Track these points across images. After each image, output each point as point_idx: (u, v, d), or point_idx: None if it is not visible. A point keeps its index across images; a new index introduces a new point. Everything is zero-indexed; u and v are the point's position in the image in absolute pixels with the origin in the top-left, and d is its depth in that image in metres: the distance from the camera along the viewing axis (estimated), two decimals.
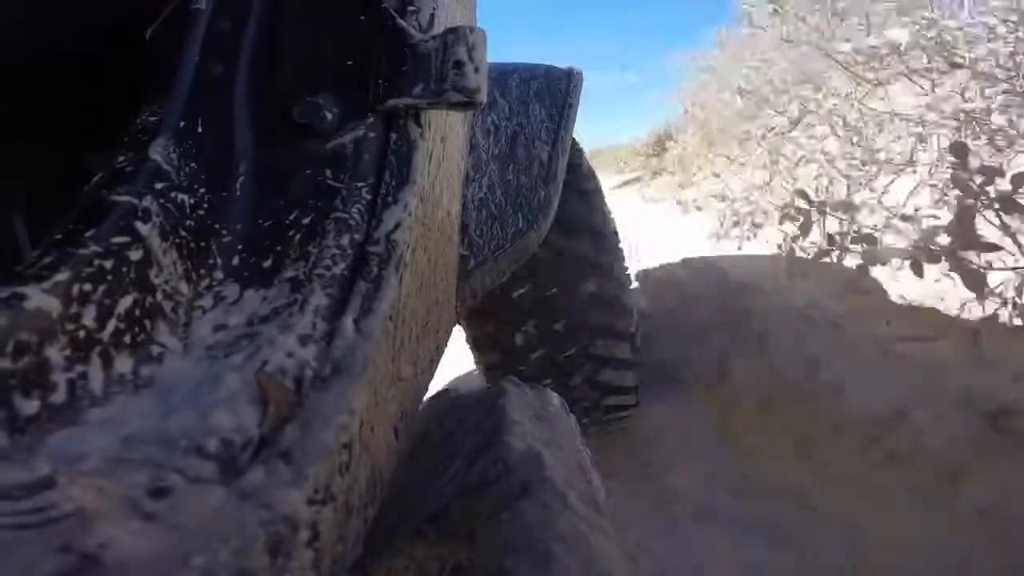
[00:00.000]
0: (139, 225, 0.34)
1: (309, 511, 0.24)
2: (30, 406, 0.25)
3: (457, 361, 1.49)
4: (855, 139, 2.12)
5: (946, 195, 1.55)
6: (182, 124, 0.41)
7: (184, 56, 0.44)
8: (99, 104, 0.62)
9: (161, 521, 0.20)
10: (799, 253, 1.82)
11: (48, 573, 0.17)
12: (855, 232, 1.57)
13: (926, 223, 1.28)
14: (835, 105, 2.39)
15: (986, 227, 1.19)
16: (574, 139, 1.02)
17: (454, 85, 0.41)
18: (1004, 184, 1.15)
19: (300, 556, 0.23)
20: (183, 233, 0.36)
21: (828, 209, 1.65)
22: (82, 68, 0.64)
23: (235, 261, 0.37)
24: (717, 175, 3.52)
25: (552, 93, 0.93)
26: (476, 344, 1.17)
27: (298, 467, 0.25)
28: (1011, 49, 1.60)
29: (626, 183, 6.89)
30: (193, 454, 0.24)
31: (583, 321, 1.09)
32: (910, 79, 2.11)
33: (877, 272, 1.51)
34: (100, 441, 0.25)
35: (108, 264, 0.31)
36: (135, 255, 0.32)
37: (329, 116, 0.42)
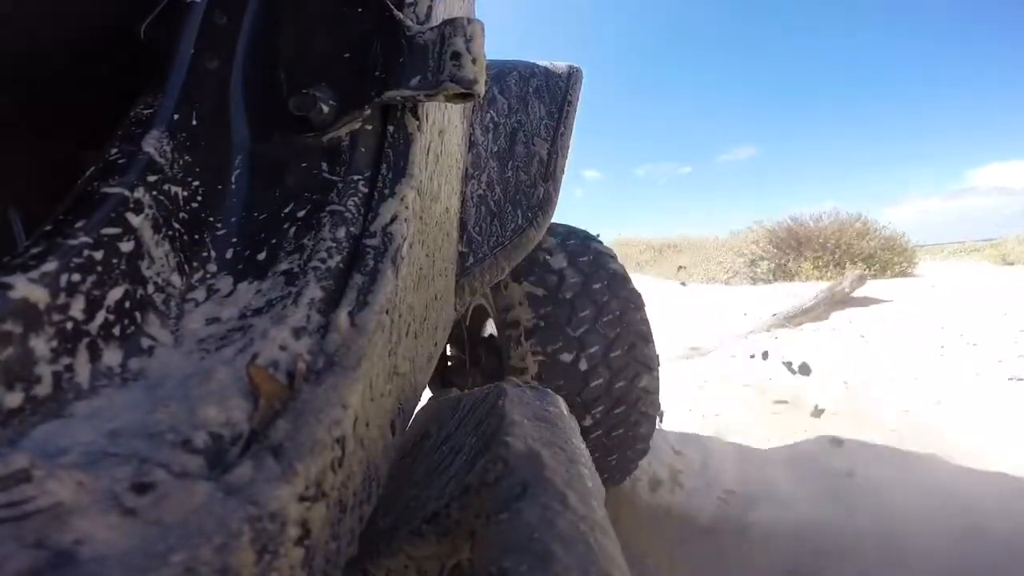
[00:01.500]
0: (131, 216, 0.33)
1: (299, 508, 0.23)
2: (13, 398, 0.24)
3: None
4: None
5: None
6: (176, 117, 0.40)
7: (179, 49, 0.43)
8: (97, 100, 0.61)
9: (142, 516, 0.20)
10: None
11: (20, 569, 0.17)
12: None
13: None
14: None
15: None
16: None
17: (452, 76, 0.40)
18: None
19: (289, 554, 0.22)
20: (176, 225, 0.36)
21: None
22: (81, 65, 0.63)
23: (229, 254, 0.37)
24: None
25: (552, 91, 0.93)
26: None
27: (288, 462, 0.24)
28: None
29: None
30: (180, 448, 0.23)
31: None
32: None
33: None
34: (84, 435, 0.24)
35: (98, 255, 0.30)
36: (126, 246, 0.32)
37: (325, 108, 0.41)
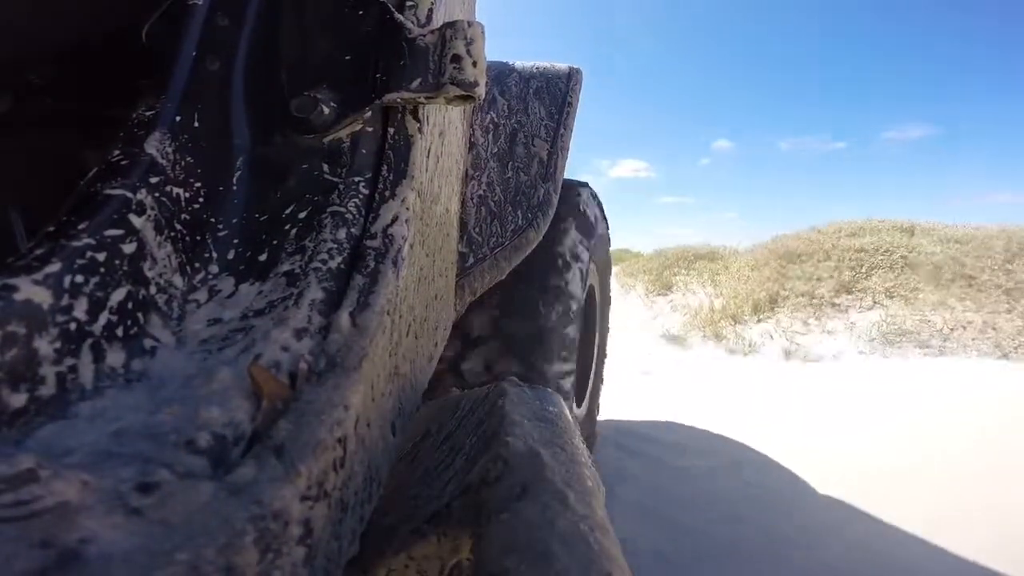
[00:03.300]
0: (133, 218, 0.33)
1: (301, 507, 0.23)
2: (18, 399, 0.24)
3: None
4: None
5: None
6: (178, 119, 0.40)
7: (181, 51, 0.43)
8: (99, 100, 0.61)
9: (147, 516, 0.20)
10: None
11: (27, 568, 0.17)
12: None
13: None
14: None
15: None
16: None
17: (452, 79, 0.41)
18: None
19: (291, 553, 0.22)
20: (178, 226, 0.36)
21: None
22: (83, 64, 0.63)
23: (230, 255, 0.37)
24: None
25: (552, 91, 0.93)
26: None
27: (290, 462, 0.24)
28: None
29: None
30: (183, 449, 0.24)
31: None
32: None
33: None
34: (89, 435, 0.24)
35: (101, 256, 0.30)
36: (129, 248, 0.32)
37: (327, 110, 0.41)
